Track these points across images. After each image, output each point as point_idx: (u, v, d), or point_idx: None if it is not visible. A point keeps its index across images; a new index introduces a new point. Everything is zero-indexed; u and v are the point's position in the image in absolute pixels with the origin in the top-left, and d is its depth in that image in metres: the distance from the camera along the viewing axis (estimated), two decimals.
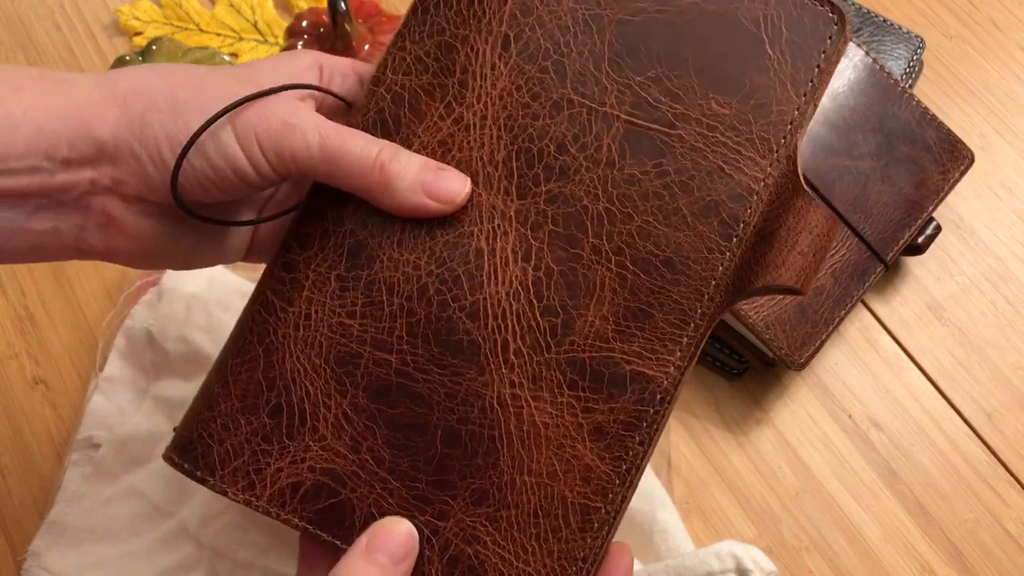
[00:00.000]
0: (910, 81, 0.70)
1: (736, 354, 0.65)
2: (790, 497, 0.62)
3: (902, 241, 0.64)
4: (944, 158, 0.65)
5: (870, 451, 0.64)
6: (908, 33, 0.71)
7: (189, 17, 0.78)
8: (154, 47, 0.75)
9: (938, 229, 0.66)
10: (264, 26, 0.78)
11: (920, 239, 0.65)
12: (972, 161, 0.66)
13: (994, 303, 0.68)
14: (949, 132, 0.65)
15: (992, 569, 0.60)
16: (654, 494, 0.59)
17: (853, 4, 0.72)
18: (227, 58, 0.75)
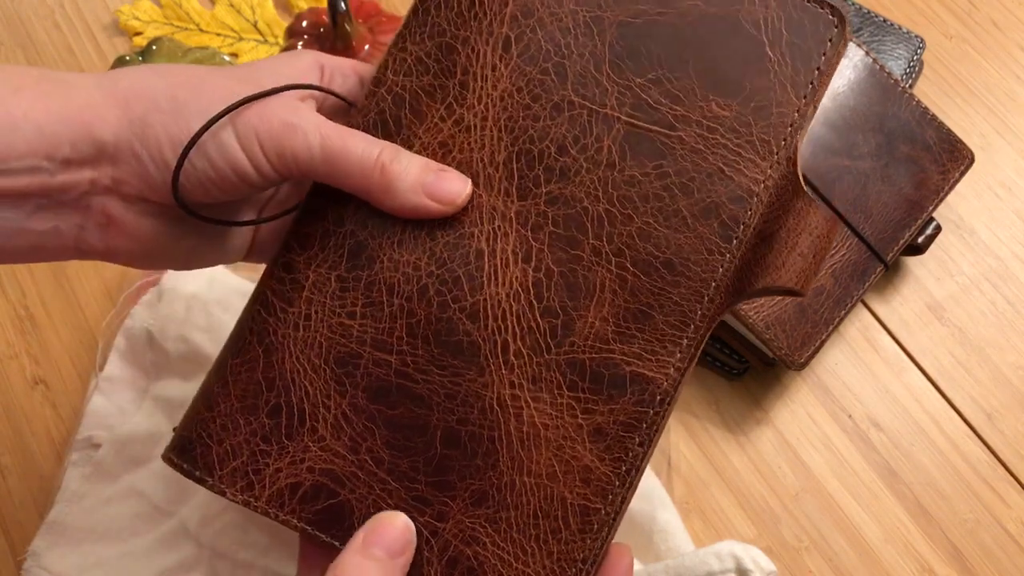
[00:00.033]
0: (910, 81, 0.70)
1: (736, 354, 0.65)
2: (790, 497, 0.62)
3: (902, 241, 0.64)
4: (944, 158, 0.65)
5: (870, 451, 0.64)
6: (908, 33, 0.71)
7: (189, 17, 0.78)
8: (154, 47, 0.75)
9: (938, 229, 0.66)
10: (264, 26, 0.78)
11: (920, 239, 0.65)
12: (972, 161, 0.66)
13: (994, 303, 0.68)
14: (949, 132, 0.65)
15: (992, 569, 0.60)
16: (654, 494, 0.59)
17: (853, 4, 0.72)
18: (227, 58, 0.75)
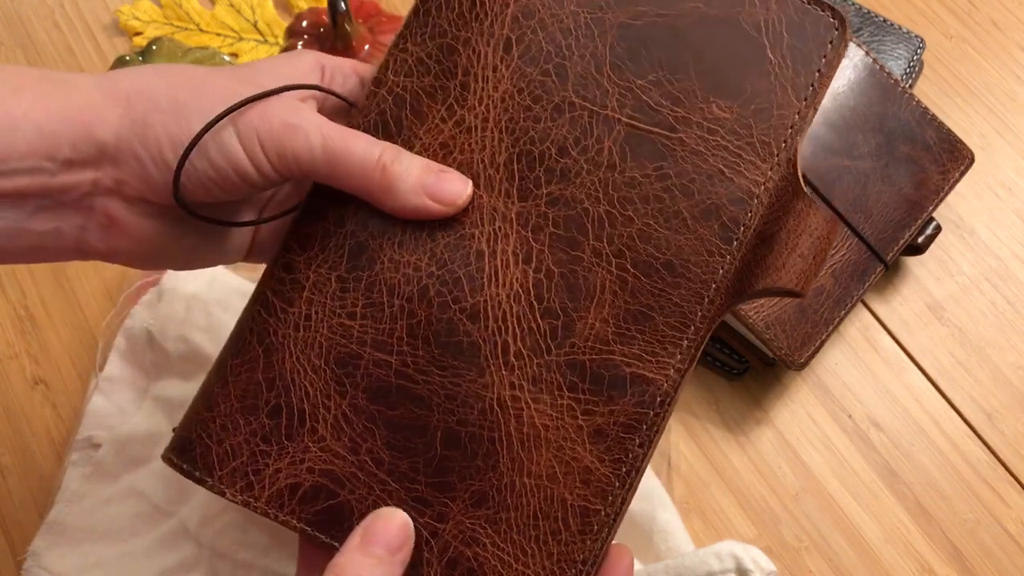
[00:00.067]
0: (910, 81, 0.70)
1: (736, 354, 0.65)
2: (790, 497, 0.62)
3: (902, 241, 0.64)
4: (944, 158, 0.65)
5: (870, 451, 0.64)
6: (908, 33, 0.71)
7: (189, 17, 0.78)
8: (154, 47, 0.75)
9: (938, 229, 0.66)
10: (264, 26, 0.78)
11: (920, 239, 0.65)
12: (972, 161, 0.66)
13: (994, 303, 0.68)
14: (949, 132, 0.65)
15: (992, 569, 0.60)
16: (654, 494, 0.59)
17: (853, 4, 0.72)
18: (227, 58, 0.75)
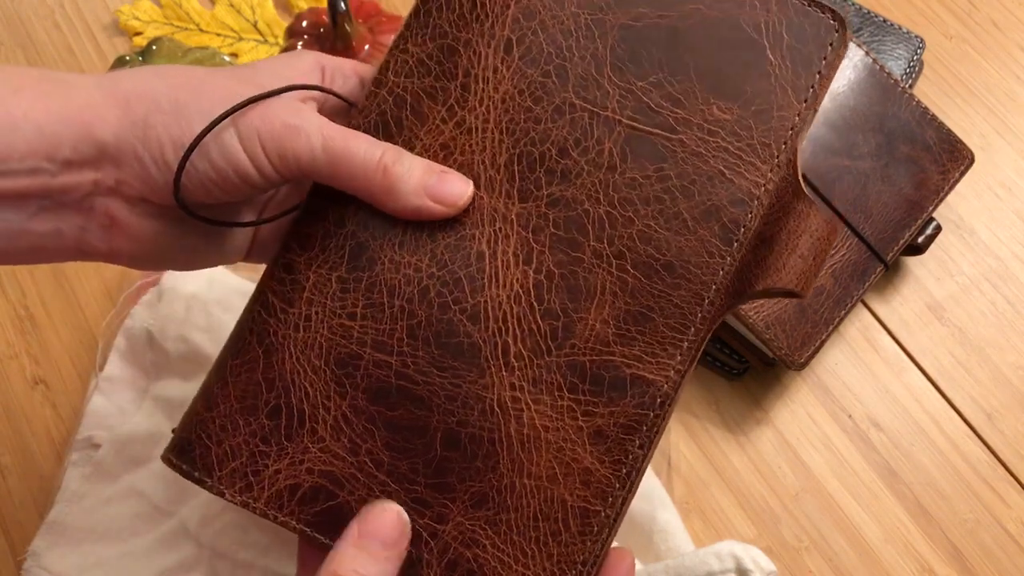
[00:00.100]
0: (910, 81, 0.70)
1: (736, 354, 0.65)
2: (790, 497, 0.62)
3: (902, 241, 0.64)
4: (944, 158, 0.65)
5: (870, 451, 0.64)
6: (908, 33, 0.71)
7: (189, 17, 0.78)
8: (154, 47, 0.74)
9: (938, 229, 0.66)
10: (264, 26, 0.78)
11: (920, 239, 0.65)
12: (972, 161, 0.66)
13: (994, 303, 0.68)
14: (949, 132, 0.65)
15: (992, 569, 0.60)
16: (654, 494, 0.59)
17: (853, 4, 0.72)
18: (227, 58, 0.75)
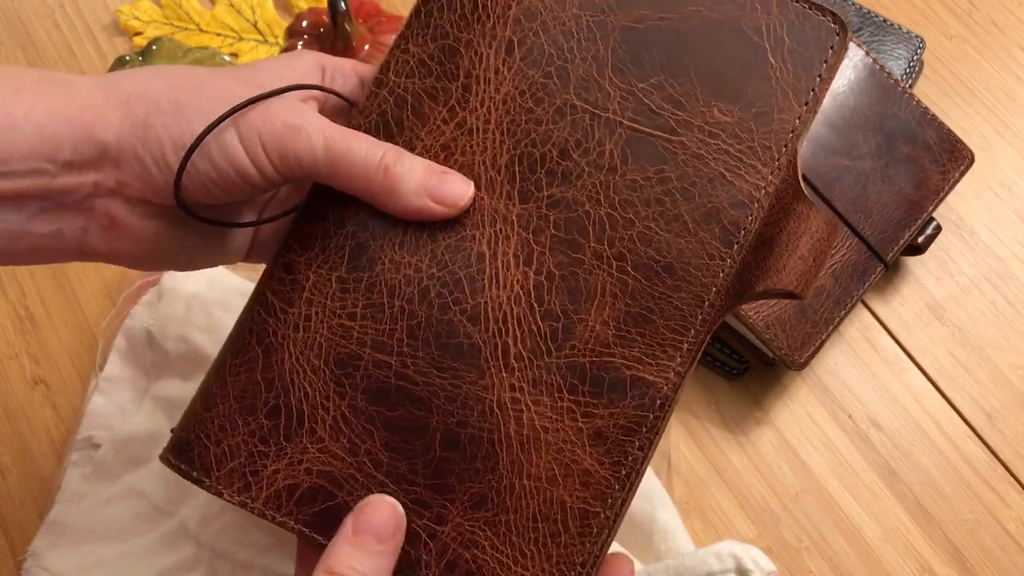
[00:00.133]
0: (910, 81, 0.70)
1: (736, 354, 0.65)
2: (790, 497, 0.62)
3: (902, 241, 0.64)
4: (944, 158, 0.65)
5: (870, 451, 0.64)
6: (908, 33, 0.71)
7: (189, 17, 0.78)
8: (154, 47, 0.74)
9: (938, 229, 0.66)
10: (264, 26, 0.78)
11: (920, 239, 0.65)
12: (972, 161, 0.66)
13: (994, 303, 0.68)
14: (949, 132, 0.65)
15: (992, 569, 0.60)
16: (654, 494, 0.59)
17: (853, 4, 0.72)
18: (227, 58, 0.75)
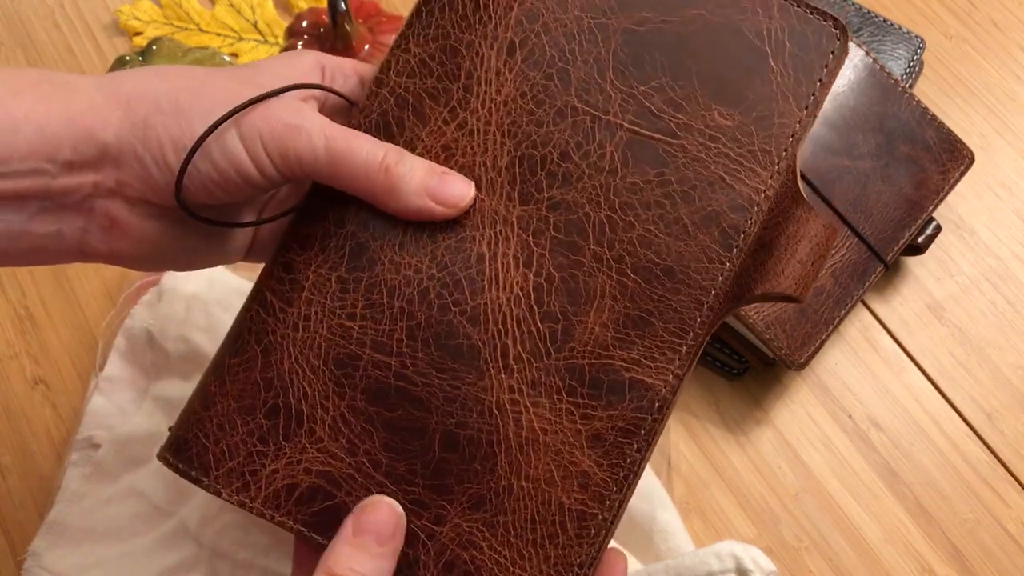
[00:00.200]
0: (910, 81, 0.70)
1: (736, 354, 0.65)
2: (790, 497, 0.62)
3: (902, 241, 0.64)
4: (944, 158, 0.65)
5: (870, 451, 0.64)
6: (908, 33, 0.71)
7: (189, 17, 0.78)
8: (154, 47, 0.74)
9: (938, 229, 0.66)
10: (264, 26, 0.78)
11: (920, 239, 0.65)
12: (972, 161, 0.66)
13: (994, 303, 0.68)
14: (949, 132, 0.65)
15: (992, 569, 0.60)
16: (654, 494, 0.59)
17: (853, 4, 0.72)
18: (227, 58, 0.75)
